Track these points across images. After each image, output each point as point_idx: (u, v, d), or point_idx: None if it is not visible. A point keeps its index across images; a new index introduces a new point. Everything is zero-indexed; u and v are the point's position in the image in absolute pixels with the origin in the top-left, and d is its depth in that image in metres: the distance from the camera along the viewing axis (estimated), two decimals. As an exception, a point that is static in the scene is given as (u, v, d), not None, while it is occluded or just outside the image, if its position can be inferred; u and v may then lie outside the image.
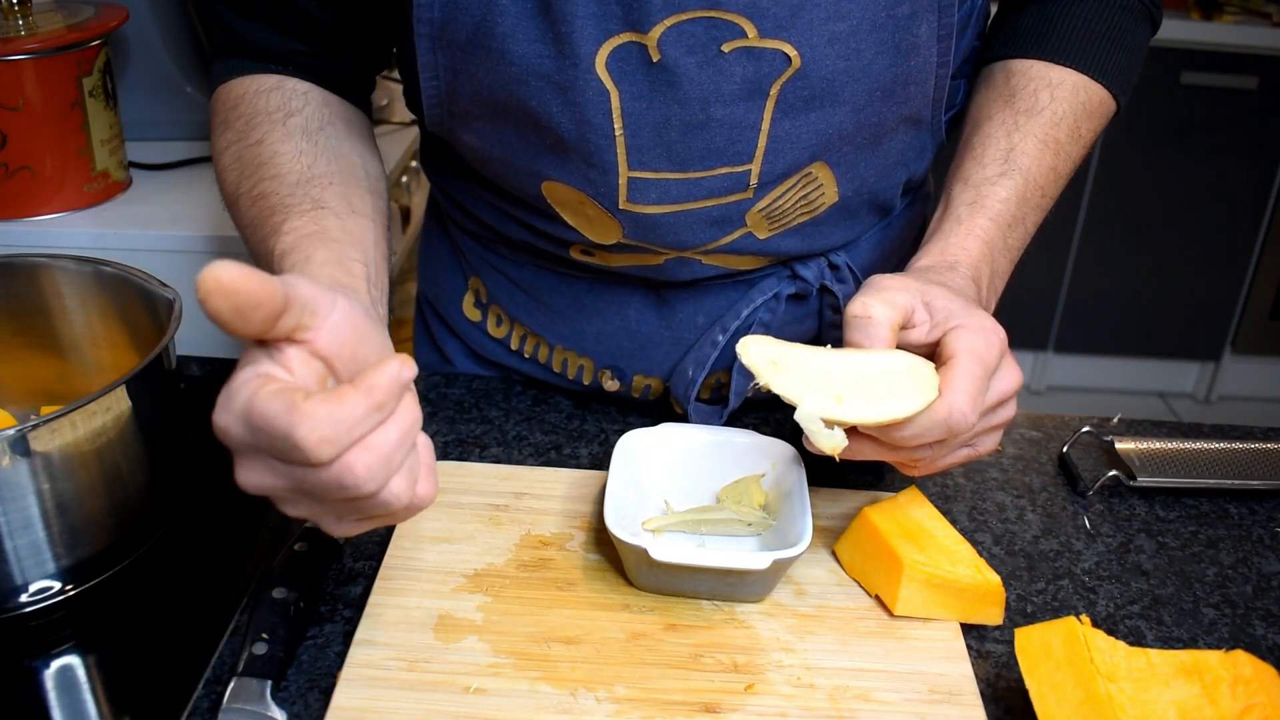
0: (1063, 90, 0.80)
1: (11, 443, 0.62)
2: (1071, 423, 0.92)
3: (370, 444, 0.50)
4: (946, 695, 0.63)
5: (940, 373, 0.64)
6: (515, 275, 0.90)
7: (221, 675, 0.64)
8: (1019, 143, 0.78)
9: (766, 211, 0.78)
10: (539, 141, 0.74)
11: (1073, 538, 0.79)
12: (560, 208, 0.78)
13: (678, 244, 0.79)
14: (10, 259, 0.80)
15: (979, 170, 0.77)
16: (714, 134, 0.73)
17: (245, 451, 0.52)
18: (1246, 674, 0.61)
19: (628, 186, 0.75)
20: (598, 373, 0.90)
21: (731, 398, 0.86)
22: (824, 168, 0.77)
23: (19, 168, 1.18)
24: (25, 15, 1.17)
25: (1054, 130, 0.79)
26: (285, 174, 0.71)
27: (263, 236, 0.69)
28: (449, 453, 0.84)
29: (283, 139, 0.74)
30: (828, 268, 0.86)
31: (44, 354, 0.82)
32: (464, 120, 0.77)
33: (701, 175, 0.74)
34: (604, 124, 0.72)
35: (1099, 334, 2.96)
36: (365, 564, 0.73)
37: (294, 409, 0.48)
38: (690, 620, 0.68)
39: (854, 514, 0.72)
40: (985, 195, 0.75)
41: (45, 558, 0.66)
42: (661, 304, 0.87)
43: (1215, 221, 2.80)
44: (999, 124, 0.79)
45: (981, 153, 0.78)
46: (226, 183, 0.76)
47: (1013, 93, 0.81)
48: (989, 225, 0.74)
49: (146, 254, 1.19)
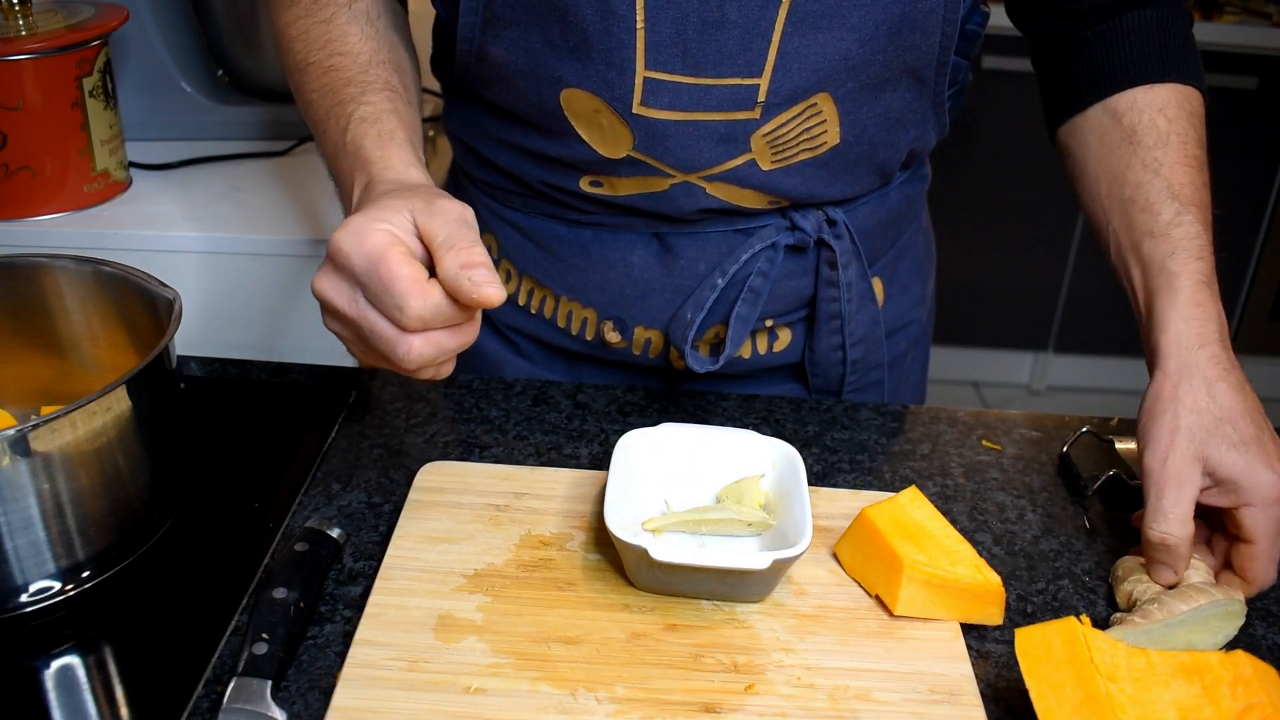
0: (1171, 108, 0.82)
1: (11, 443, 0.62)
2: (1071, 423, 0.92)
3: (435, 339, 0.62)
4: (946, 695, 0.63)
5: (1241, 550, 0.71)
6: (526, 226, 0.94)
7: (221, 675, 0.64)
8: (1174, 177, 0.79)
9: (771, 138, 0.81)
10: (563, 43, 0.78)
11: (1073, 538, 0.79)
12: (575, 119, 0.82)
13: (684, 161, 0.82)
14: (10, 259, 0.80)
15: (1155, 220, 0.78)
16: (728, 35, 0.76)
17: (339, 272, 0.63)
18: (1246, 674, 0.61)
19: (643, 87, 0.78)
20: (601, 325, 0.93)
21: (728, 345, 0.89)
22: (828, 101, 0.80)
23: (19, 168, 1.18)
24: (25, 15, 1.17)
25: (1187, 148, 0.81)
26: (356, 53, 0.80)
27: (337, 100, 0.78)
28: (449, 453, 0.84)
29: (350, 20, 0.82)
30: (825, 223, 0.89)
31: (44, 354, 0.82)
32: (495, 28, 0.81)
33: (712, 82, 0.78)
34: (627, 14, 0.76)
35: (1099, 334, 2.96)
36: (365, 564, 0.73)
37: (419, 283, 0.61)
38: (690, 620, 0.68)
39: (854, 514, 0.72)
40: (1178, 240, 0.77)
41: (45, 558, 0.66)
42: (664, 251, 0.90)
43: (1215, 221, 2.80)
44: (1141, 168, 0.80)
45: (1146, 203, 0.79)
46: (294, 52, 0.83)
47: (1133, 133, 0.82)
48: (1201, 266, 0.76)
49: (146, 254, 1.19)
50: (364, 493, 0.80)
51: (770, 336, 0.94)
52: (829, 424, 0.90)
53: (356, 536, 0.75)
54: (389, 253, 0.61)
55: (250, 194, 1.29)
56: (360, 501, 0.79)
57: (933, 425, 0.91)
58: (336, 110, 0.77)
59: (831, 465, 0.85)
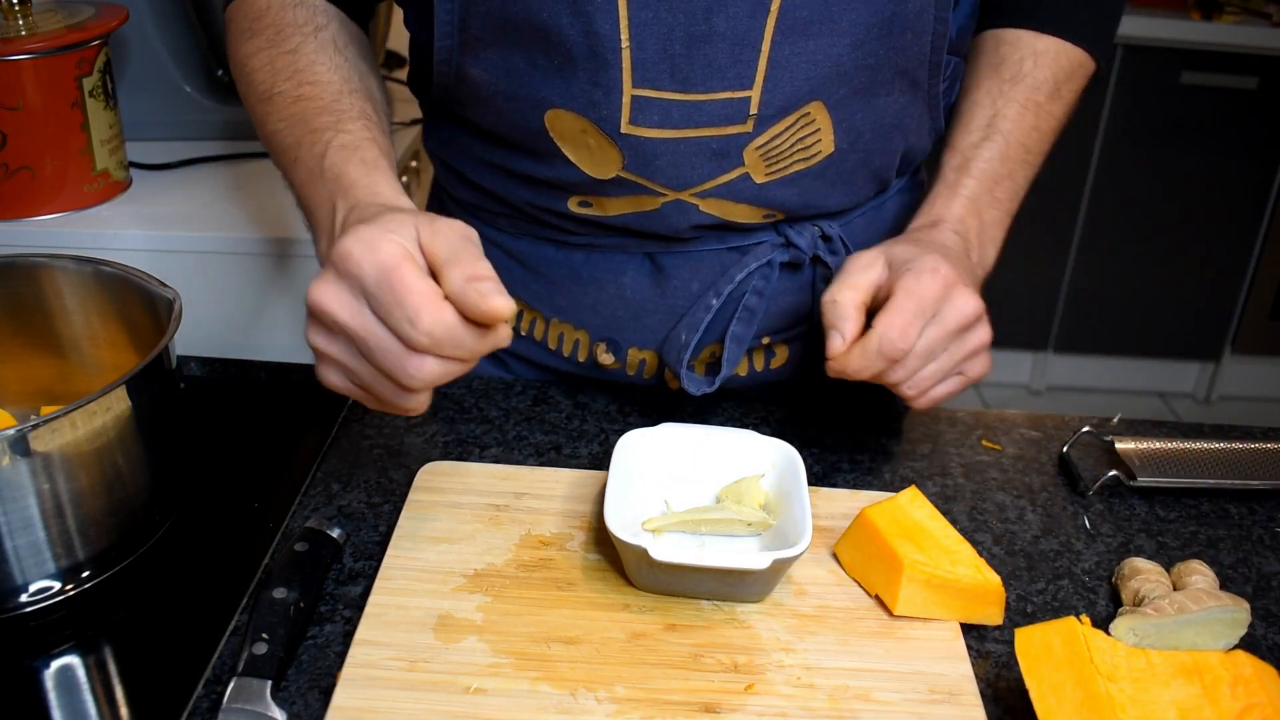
0: (1045, 58, 0.88)
1: (11, 443, 0.62)
2: (1071, 423, 0.92)
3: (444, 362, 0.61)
4: (946, 695, 0.63)
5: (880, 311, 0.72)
6: (513, 248, 0.92)
7: (221, 675, 0.64)
8: (1002, 108, 0.86)
9: (764, 150, 0.80)
10: (546, 63, 0.77)
11: (1073, 538, 0.79)
12: (562, 140, 0.80)
13: (676, 179, 0.81)
14: (10, 259, 0.80)
15: (965, 137, 0.86)
16: (716, 49, 0.75)
17: (344, 280, 0.61)
18: (1246, 674, 0.61)
19: (631, 106, 0.77)
20: (593, 346, 0.92)
21: (724, 365, 0.88)
22: (821, 110, 0.79)
23: (19, 168, 1.18)
24: (25, 15, 1.17)
25: (1034, 94, 0.87)
26: (326, 82, 0.78)
27: (311, 128, 0.75)
28: (449, 453, 0.84)
29: (317, 50, 0.80)
30: (820, 239, 0.88)
31: (44, 354, 0.82)
32: (474, 49, 0.79)
33: (703, 98, 0.77)
34: (611, 34, 0.74)
35: (1099, 334, 2.96)
36: (365, 564, 0.73)
37: (433, 298, 0.59)
38: (690, 620, 0.68)
39: (854, 514, 0.72)
40: (970, 158, 0.84)
41: (45, 558, 0.66)
42: (656, 271, 0.89)
43: (1215, 221, 2.80)
44: (985, 92, 0.87)
45: (968, 121, 0.87)
46: (256, 84, 0.81)
47: (1000, 61, 0.88)
48: (973, 184, 0.83)
49: (146, 254, 1.19)
50: (364, 493, 0.80)
51: (768, 354, 0.93)
52: (829, 424, 0.90)
53: (356, 536, 0.75)
54: (403, 264, 0.59)
55: (250, 194, 1.29)
56: (360, 501, 0.79)
57: (933, 425, 0.91)
58: (310, 138, 0.74)
59: (831, 465, 0.85)
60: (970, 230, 0.81)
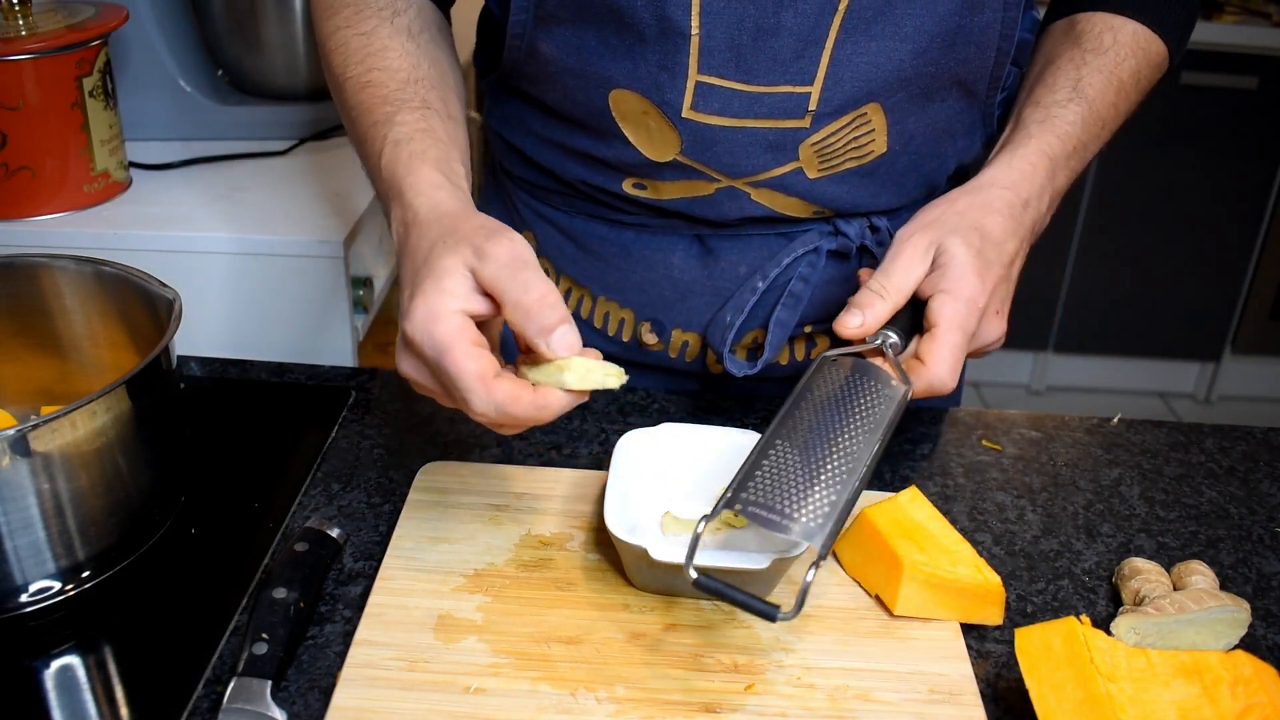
0: (1124, 34, 0.85)
1: (11, 443, 0.62)
2: (1071, 423, 0.92)
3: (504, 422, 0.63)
4: (946, 695, 0.63)
5: (924, 339, 0.71)
6: (566, 225, 0.94)
7: (221, 675, 0.64)
8: (1086, 75, 0.83)
9: (819, 147, 0.81)
10: (617, 43, 0.78)
11: (1073, 538, 0.79)
12: (623, 121, 0.82)
13: (731, 167, 0.82)
14: (10, 259, 0.80)
15: (1049, 95, 0.82)
16: (782, 43, 0.76)
17: (415, 357, 0.64)
18: (1246, 674, 0.61)
19: (694, 91, 0.78)
20: (638, 326, 0.93)
21: (767, 349, 0.88)
22: (878, 111, 0.80)
23: (19, 168, 1.18)
24: (25, 15, 1.17)
25: (1118, 69, 0.84)
26: (394, 69, 0.79)
27: (372, 121, 0.77)
28: (449, 453, 0.84)
29: (391, 35, 0.81)
30: (869, 230, 0.89)
31: (44, 354, 0.82)
32: (548, 24, 0.80)
33: (764, 90, 0.78)
34: (682, 20, 0.76)
35: (1099, 334, 2.96)
36: (365, 564, 0.73)
37: (484, 379, 0.61)
38: (690, 620, 0.68)
39: (854, 514, 0.72)
40: (1055, 116, 0.81)
41: (45, 558, 0.66)
42: (705, 253, 0.90)
43: (1215, 221, 2.80)
44: (1068, 59, 0.84)
45: (1053, 82, 0.83)
46: (334, 64, 0.82)
47: (1079, 35, 0.86)
48: (1055, 143, 0.80)
49: (146, 254, 1.19)
50: (364, 493, 0.80)
51: (809, 344, 0.94)
52: (829, 424, 0.90)
53: (356, 536, 0.75)
54: (456, 346, 0.62)
55: (250, 194, 1.29)
56: (360, 501, 0.79)
57: (933, 425, 0.91)
58: (372, 132, 0.76)
59: (831, 465, 0.85)
60: (1043, 196, 0.79)
